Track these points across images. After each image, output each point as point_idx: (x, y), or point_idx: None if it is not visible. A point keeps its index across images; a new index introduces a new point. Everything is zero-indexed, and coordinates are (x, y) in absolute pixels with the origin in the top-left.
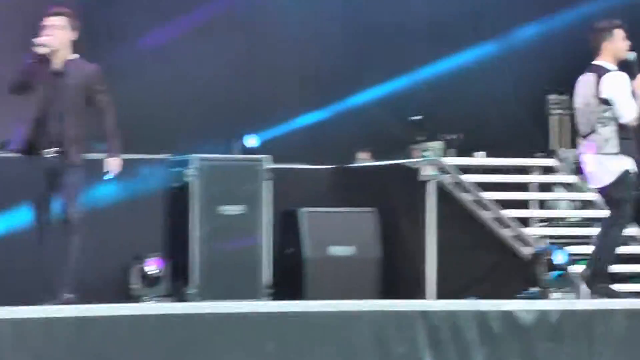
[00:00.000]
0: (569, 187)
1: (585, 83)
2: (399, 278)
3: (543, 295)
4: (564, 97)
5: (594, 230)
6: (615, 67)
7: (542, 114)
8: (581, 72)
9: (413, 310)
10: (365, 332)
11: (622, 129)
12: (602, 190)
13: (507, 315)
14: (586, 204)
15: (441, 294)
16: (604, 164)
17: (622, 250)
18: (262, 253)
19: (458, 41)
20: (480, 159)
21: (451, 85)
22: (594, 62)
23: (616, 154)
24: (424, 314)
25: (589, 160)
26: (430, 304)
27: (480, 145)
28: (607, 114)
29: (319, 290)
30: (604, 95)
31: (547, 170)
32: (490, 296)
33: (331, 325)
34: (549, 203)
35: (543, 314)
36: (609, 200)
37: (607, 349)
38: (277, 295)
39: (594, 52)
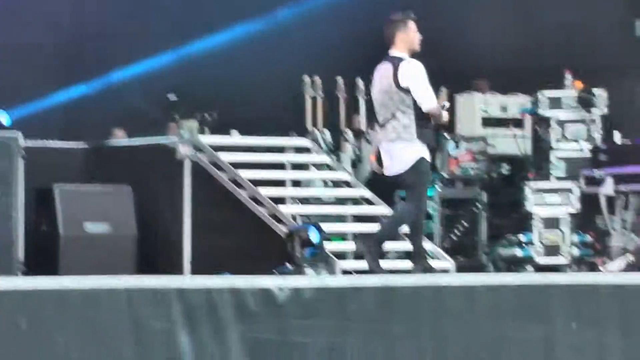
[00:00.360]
0: (322, 167)
1: (382, 72)
2: (156, 255)
3: (298, 272)
4: (320, 79)
5: (347, 209)
6: (410, 57)
7: (298, 95)
8: (339, 53)
9: (168, 287)
10: (120, 309)
11: (421, 117)
12: (397, 178)
13: (263, 292)
14: (339, 184)
15: (198, 271)
16: (400, 152)
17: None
18: (16, 231)
19: (216, 20)
20: (236, 138)
21: (208, 64)
22: (389, 53)
23: (412, 141)
24: (180, 291)
25: (385, 148)
26: (186, 280)
27: (237, 125)
28: (405, 102)
29: (74, 268)
30: (402, 84)
31: (302, 150)
32: (246, 273)
33: (86, 302)
34: (304, 182)
35: (297, 291)
36: (404, 185)
37: (359, 325)
38: (33, 272)
39: (389, 42)
